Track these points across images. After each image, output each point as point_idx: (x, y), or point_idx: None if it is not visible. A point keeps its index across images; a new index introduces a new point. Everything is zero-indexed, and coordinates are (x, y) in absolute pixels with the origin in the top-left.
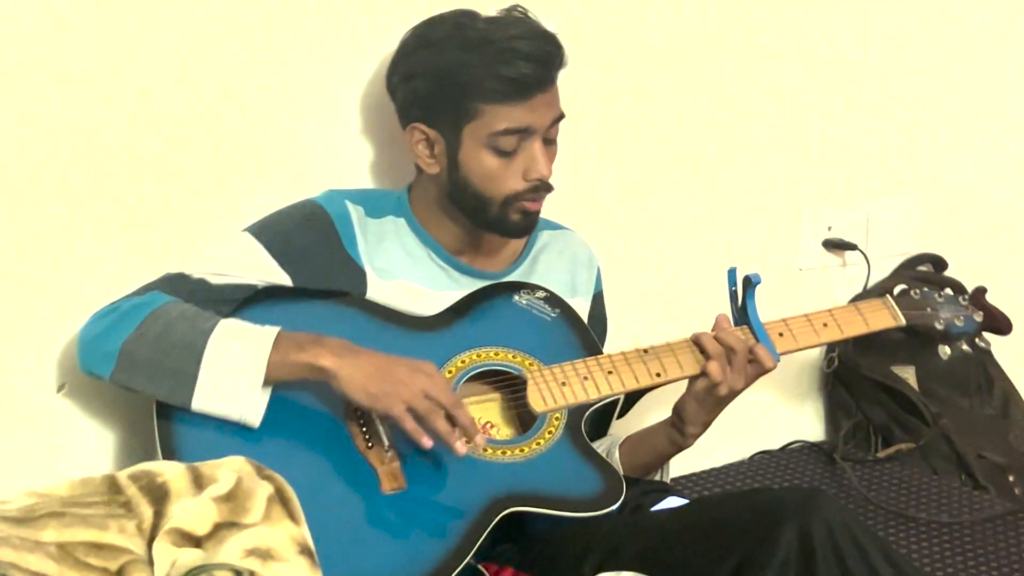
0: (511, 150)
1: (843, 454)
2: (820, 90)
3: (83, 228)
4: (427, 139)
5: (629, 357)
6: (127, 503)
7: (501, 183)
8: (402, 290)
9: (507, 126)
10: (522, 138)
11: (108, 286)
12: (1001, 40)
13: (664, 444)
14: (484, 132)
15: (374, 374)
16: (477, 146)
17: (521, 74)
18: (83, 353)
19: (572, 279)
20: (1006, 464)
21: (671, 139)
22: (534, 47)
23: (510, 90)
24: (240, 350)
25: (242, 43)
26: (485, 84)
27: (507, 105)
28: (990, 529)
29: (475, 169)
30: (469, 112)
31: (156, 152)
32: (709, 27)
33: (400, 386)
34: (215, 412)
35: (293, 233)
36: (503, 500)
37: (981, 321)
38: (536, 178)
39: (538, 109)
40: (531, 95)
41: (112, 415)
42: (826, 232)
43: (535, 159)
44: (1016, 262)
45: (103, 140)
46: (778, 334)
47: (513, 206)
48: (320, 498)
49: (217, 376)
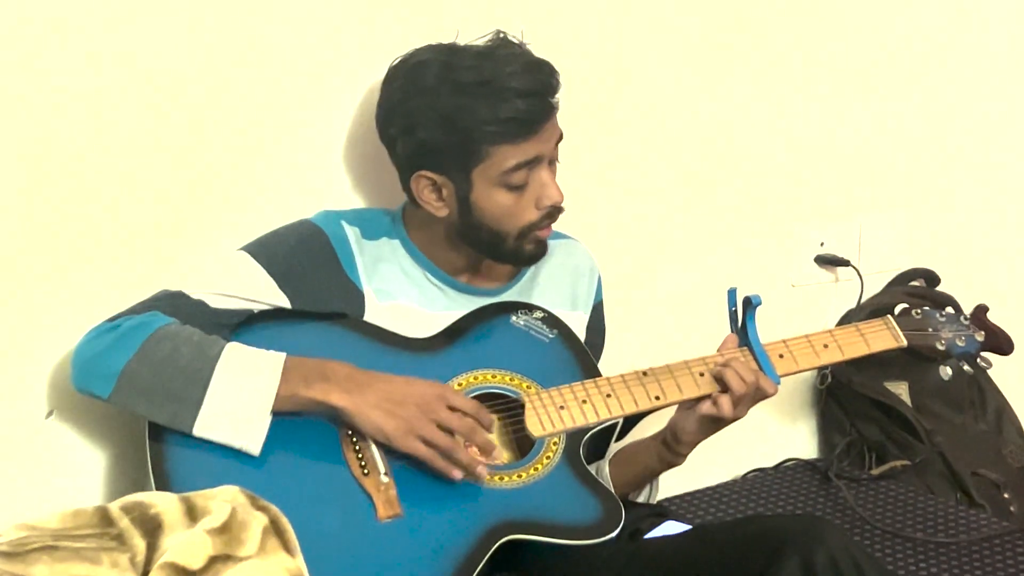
0: (523, 184)
1: (837, 472)
2: (811, 106)
3: (76, 245)
4: (434, 184)
5: (628, 380)
6: (119, 535)
7: (517, 218)
8: (400, 311)
9: (517, 162)
10: (530, 169)
11: (100, 305)
12: (991, 55)
13: (654, 461)
14: (495, 172)
15: (388, 410)
16: (489, 187)
17: (523, 112)
18: (79, 372)
19: (573, 292)
20: (1001, 481)
21: (663, 156)
22: (530, 82)
23: (516, 130)
24: (248, 378)
25: (238, 60)
26: (490, 128)
27: (514, 144)
28: (987, 549)
29: (489, 209)
30: (477, 155)
31: (149, 168)
32: (703, 45)
33: (415, 423)
34: (216, 439)
35: (292, 255)
36: (501, 527)
37: (983, 340)
38: (549, 205)
39: (543, 137)
40: (536, 130)
41: (102, 440)
42: (818, 248)
43: (546, 186)
44: (1008, 276)
45: (95, 156)
46: (778, 355)
47: (528, 237)
48: (316, 527)
49: (222, 405)
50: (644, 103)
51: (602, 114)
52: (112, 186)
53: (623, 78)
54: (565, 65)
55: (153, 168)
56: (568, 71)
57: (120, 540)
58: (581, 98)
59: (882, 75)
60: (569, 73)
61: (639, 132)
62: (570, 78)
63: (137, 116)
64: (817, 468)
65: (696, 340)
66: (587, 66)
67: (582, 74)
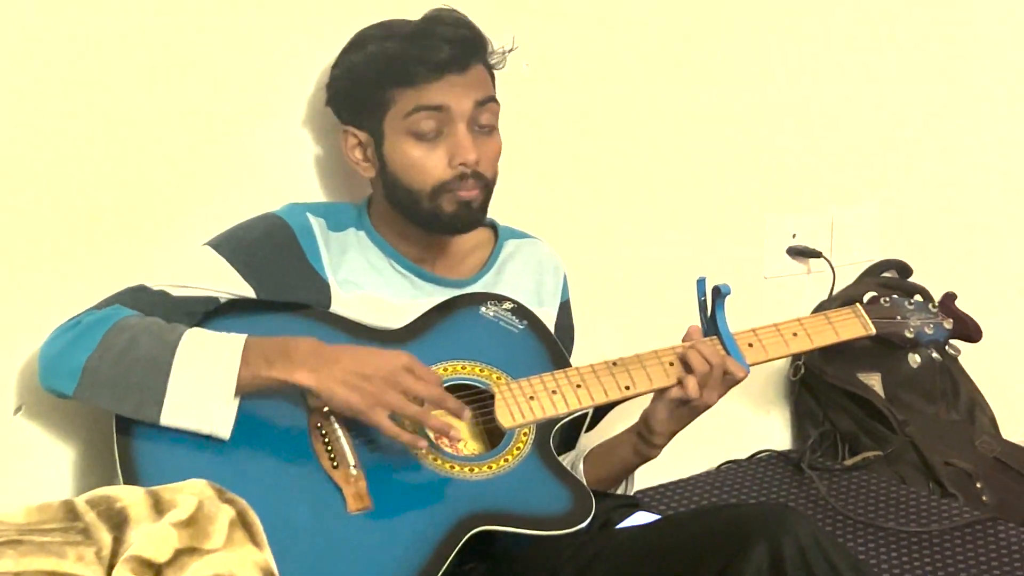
0: (429, 132)
1: (810, 463)
2: (782, 98)
3: (40, 243)
4: (359, 143)
5: (598, 370)
6: (85, 529)
7: (426, 172)
8: (367, 302)
9: (417, 103)
10: (441, 121)
11: (67, 302)
12: (962, 47)
13: (629, 455)
14: (400, 115)
15: (354, 384)
16: (397, 136)
17: (433, 57)
18: (44, 370)
19: (538, 288)
20: (973, 471)
21: (635, 147)
22: (449, 31)
23: (421, 70)
24: (208, 363)
25: (199, 52)
26: (396, 68)
27: (420, 86)
28: (959, 538)
29: (399, 160)
30: (385, 101)
31: (113, 166)
32: (673, 36)
33: (382, 395)
34: (184, 427)
35: (256, 246)
36: (471, 519)
37: (951, 328)
38: (461, 163)
39: (454, 88)
40: (442, 74)
41: (69, 435)
42: (791, 240)
43: (458, 143)
44: (980, 266)
45: (57, 154)
46: (748, 344)
47: (444, 197)
48: (284, 520)
49: (186, 391)
50: (614, 94)
51: (570, 104)
52: (77, 184)
53: (592, 69)
54: (537, 51)
55: (117, 165)
56: (537, 61)
57: (86, 534)
58: (548, 87)
59: (853, 67)
60: (537, 63)
61: (610, 123)
62: (538, 68)
63: (98, 113)
64: (790, 459)
65: (667, 330)
66: (555, 57)
67: (550, 64)
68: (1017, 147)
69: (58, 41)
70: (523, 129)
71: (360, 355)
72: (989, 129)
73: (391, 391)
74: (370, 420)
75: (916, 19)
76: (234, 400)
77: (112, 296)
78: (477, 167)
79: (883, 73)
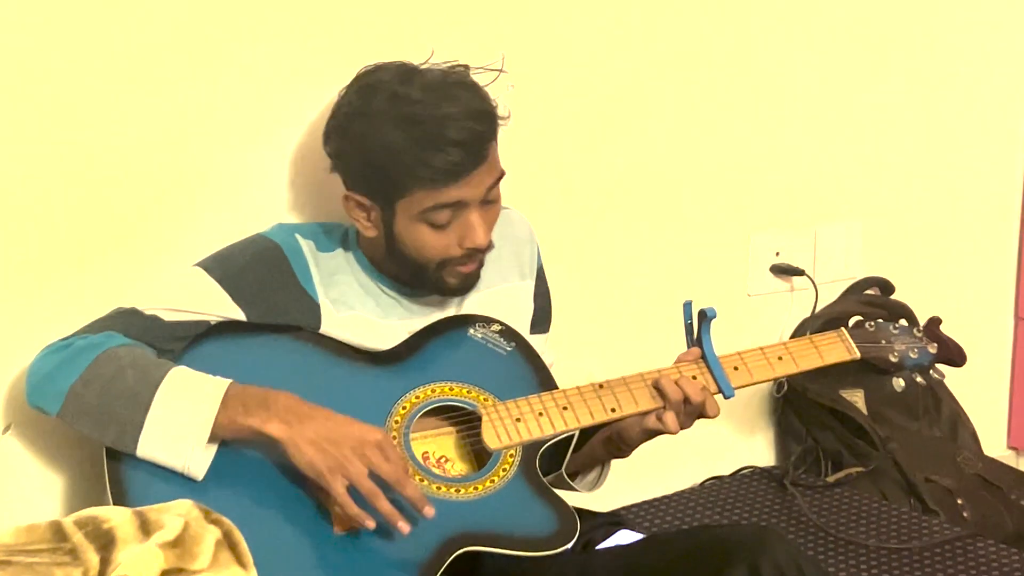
0: (445, 223)
1: (793, 479)
2: (766, 118)
3: (30, 261)
4: (362, 206)
5: (584, 392)
6: (73, 550)
7: (436, 252)
8: (357, 322)
9: (436, 203)
10: (456, 210)
11: (56, 320)
12: (945, 66)
13: (600, 452)
14: (416, 209)
15: (322, 447)
16: (410, 220)
17: (450, 162)
18: (31, 388)
19: (519, 261)
20: (955, 488)
21: (620, 166)
22: (464, 132)
23: (439, 177)
24: (187, 406)
25: (189, 75)
26: (414, 171)
27: (436, 189)
28: (939, 555)
29: (409, 240)
30: (400, 190)
31: (104, 184)
32: (658, 56)
33: (346, 463)
34: (159, 462)
35: (246, 268)
36: (457, 539)
37: (936, 353)
38: (471, 247)
39: (470, 184)
40: (459, 179)
41: (58, 455)
42: (774, 258)
43: (471, 228)
44: (961, 283)
45: (49, 173)
46: (733, 368)
47: (448, 270)
48: (271, 541)
49: (162, 430)
50: (599, 113)
51: (555, 123)
52: (67, 203)
53: (577, 87)
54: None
55: (108, 184)
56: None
57: (74, 555)
58: (533, 107)
59: (836, 87)
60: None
61: (594, 142)
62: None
63: (89, 133)
64: (774, 476)
65: (653, 350)
66: (539, 75)
67: (541, 82)
68: (997, 166)
69: (48, 60)
70: (508, 148)
71: (335, 420)
72: (970, 148)
73: (356, 461)
74: (327, 484)
75: (897, 37)
76: (209, 444)
77: (105, 318)
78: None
79: (865, 92)
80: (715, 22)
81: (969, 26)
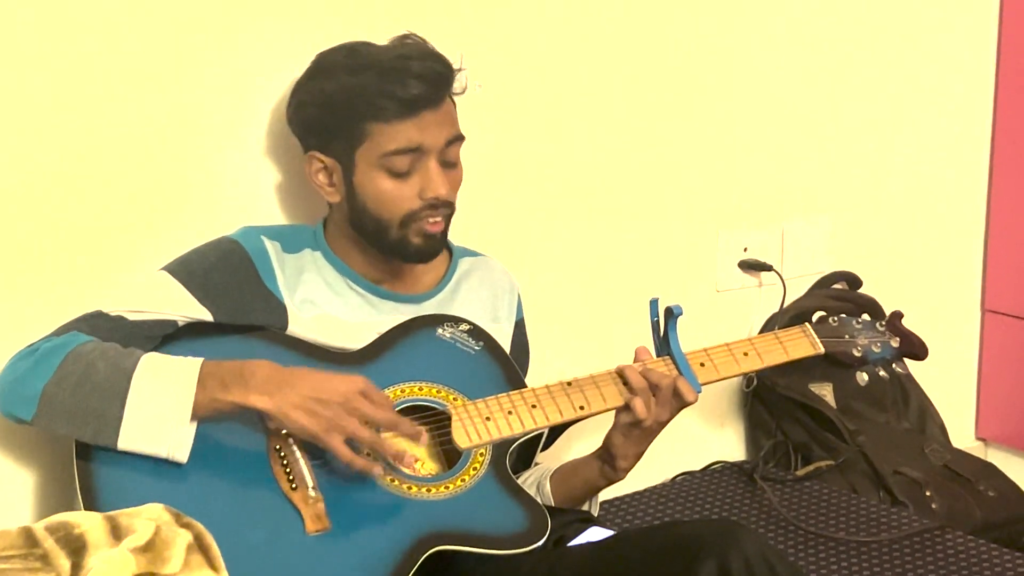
0: (404, 170)
1: (763, 474)
2: (733, 113)
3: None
4: (325, 168)
5: (553, 390)
6: (44, 556)
7: (396, 204)
8: (325, 322)
9: (397, 146)
10: (415, 158)
11: (23, 328)
12: (912, 63)
13: (595, 477)
14: (375, 153)
15: (310, 409)
16: (370, 169)
17: (408, 93)
18: (2, 397)
19: (494, 305)
20: (923, 480)
21: (587, 163)
22: (422, 66)
23: (397, 108)
24: (164, 388)
25: (155, 74)
26: (372, 103)
27: (395, 123)
28: (908, 547)
29: (370, 192)
30: (359, 135)
31: (69, 191)
32: (621, 52)
33: (338, 419)
34: (142, 451)
35: (211, 270)
36: (428, 539)
37: (898, 347)
38: (432, 197)
39: (429, 127)
40: (418, 112)
41: (28, 460)
42: (742, 254)
43: (430, 178)
44: (928, 277)
45: (11, 181)
46: (699, 364)
47: (412, 228)
48: (242, 542)
49: (142, 416)
50: (566, 111)
51: (522, 121)
52: (32, 210)
53: (545, 86)
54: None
55: (73, 190)
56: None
57: (45, 560)
58: (500, 105)
59: (803, 82)
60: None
61: (562, 140)
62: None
63: (53, 138)
64: (744, 470)
65: (622, 346)
66: (506, 74)
67: (501, 81)
68: (963, 161)
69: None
70: (475, 146)
71: (316, 379)
72: (936, 143)
73: (347, 416)
74: (325, 444)
75: (863, 34)
76: (190, 424)
77: (70, 323)
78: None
79: (832, 89)
80: (683, 19)
81: (935, 22)
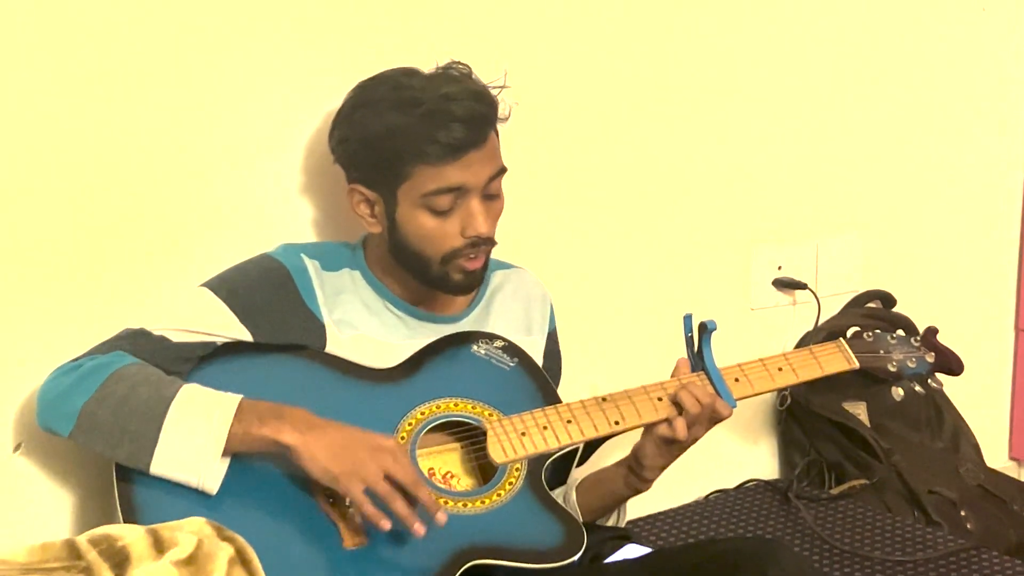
0: (446, 209)
1: (797, 492)
2: (768, 131)
3: (39, 282)
4: (367, 200)
5: (587, 406)
6: (87, 568)
7: (438, 242)
8: (362, 342)
9: (438, 186)
10: (457, 196)
11: (66, 340)
12: (946, 80)
13: (620, 487)
14: (417, 193)
15: (336, 453)
16: (412, 207)
17: (451, 136)
18: (43, 410)
19: (527, 317)
20: (957, 499)
21: (622, 179)
22: (465, 108)
23: (441, 152)
24: (201, 420)
25: (196, 92)
26: (415, 147)
27: (439, 166)
28: (943, 567)
29: (412, 229)
30: (402, 174)
31: (111, 205)
32: (659, 68)
33: (361, 467)
34: (173, 478)
35: (252, 288)
36: (465, 553)
37: (933, 362)
38: (473, 235)
39: (472, 166)
40: (462, 155)
41: (70, 473)
42: (776, 272)
43: (472, 216)
44: (962, 295)
45: (56, 195)
46: (734, 379)
47: (452, 264)
48: (282, 556)
49: (176, 445)
50: (600, 126)
51: (557, 136)
52: (75, 223)
53: (578, 101)
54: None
55: (115, 204)
56: (523, 93)
57: (88, 573)
58: (534, 119)
59: (838, 100)
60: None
61: (597, 155)
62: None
63: (96, 152)
64: (778, 488)
65: (655, 362)
66: (540, 89)
67: (543, 93)
68: (997, 177)
69: (55, 74)
70: (510, 161)
71: (348, 430)
72: (970, 160)
73: (370, 464)
74: (344, 488)
75: (898, 50)
76: (223, 458)
77: (113, 339)
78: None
79: (866, 105)
80: (718, 33)
81: (970, 38)
